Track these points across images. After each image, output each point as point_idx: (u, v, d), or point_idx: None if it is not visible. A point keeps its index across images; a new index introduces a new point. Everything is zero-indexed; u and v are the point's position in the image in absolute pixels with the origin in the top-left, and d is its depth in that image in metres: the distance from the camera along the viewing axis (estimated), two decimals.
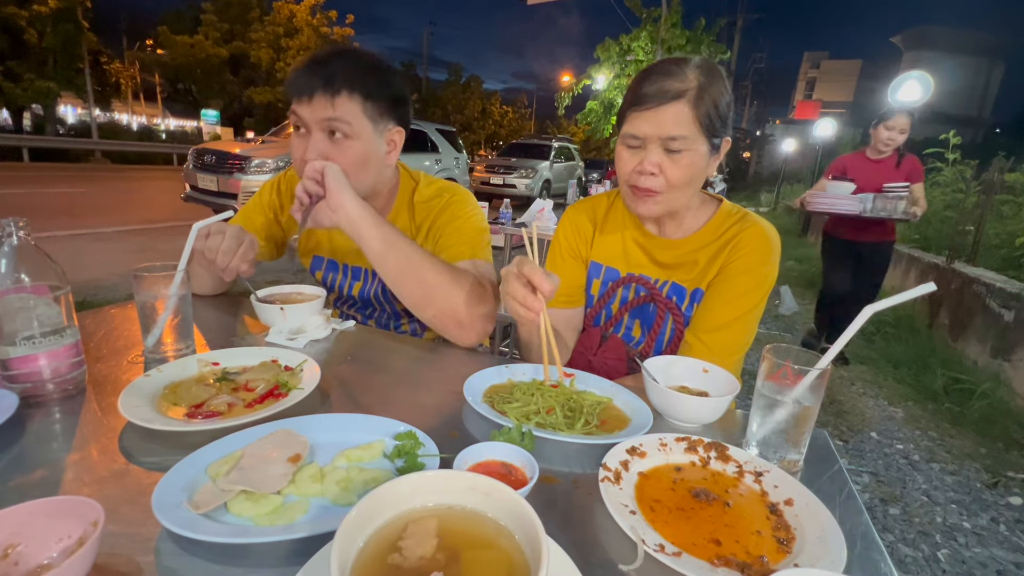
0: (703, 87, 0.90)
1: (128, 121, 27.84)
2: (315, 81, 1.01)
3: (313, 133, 1.03)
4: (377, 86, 1.05)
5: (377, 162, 1.11)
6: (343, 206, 0.94)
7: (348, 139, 1.04)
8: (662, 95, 0.90)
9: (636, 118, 0.94)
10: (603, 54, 12.14)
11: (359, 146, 1.05)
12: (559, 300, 1.17)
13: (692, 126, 0.90)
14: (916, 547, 1.88)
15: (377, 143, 1.09)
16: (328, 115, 1.01)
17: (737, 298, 0.99)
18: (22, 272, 0.69)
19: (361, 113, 1.04)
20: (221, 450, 0.61)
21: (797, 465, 0.70)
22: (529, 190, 12.04)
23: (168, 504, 0.51)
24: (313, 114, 1.02)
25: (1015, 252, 4.05)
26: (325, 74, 1.01)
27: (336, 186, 0.94)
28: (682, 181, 0.94)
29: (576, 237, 1.17)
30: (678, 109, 0.90)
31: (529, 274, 0.82)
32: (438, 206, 1.21)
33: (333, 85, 1.01)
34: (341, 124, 1.02)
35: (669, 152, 0.92)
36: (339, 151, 1.04)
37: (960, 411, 2.91)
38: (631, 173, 0.97)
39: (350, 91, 1.02)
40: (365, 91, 1.04)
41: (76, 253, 4.88)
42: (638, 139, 0.94)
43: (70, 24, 18.05)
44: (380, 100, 1.06)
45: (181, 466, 0.57)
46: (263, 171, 6.15)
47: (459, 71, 40.19)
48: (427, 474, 0.44)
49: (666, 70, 0.92)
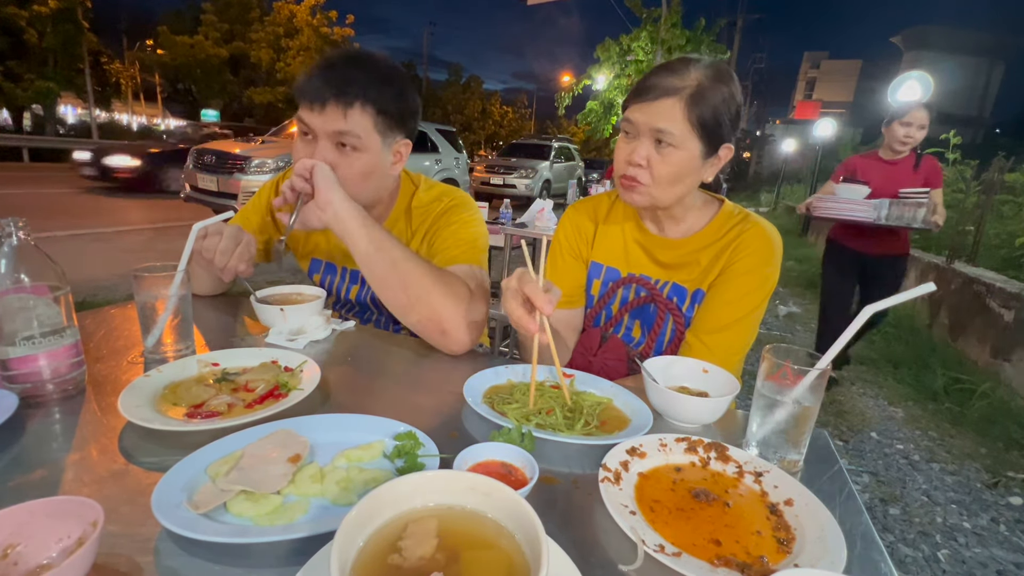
0: (703, 88, 0.90)
1: (128, 121, 27.83)
2: (328, 90, 0.98)
3: (320, 142, 1.01)
4: (391, 100, 1.03)
5: (381, 174, 1.09)
6: (331, 204, 0.93)
7: (356, 151, 1.02)
8: (658, 89, 0.92)
9: (633, 108, 0.96)
10: (603, 54, 12.15)
11: (366, 159, 1.04)
12: (559, 300, 1.16)
13: (683, 124, 0.91)
14: (916, 547, 1.88)
15: (384, 156, 1.07)
16: (339, 128, 0.99)
17: (738, 299, 0.99)
18: (22, 272, 0.69)
19: (372, 127, 1.02)
20: (221, 450, 0.61)
21: (797, 465, 0.70)
22: (529, 190, 12.03)
23: (168, 504, 0.51)
24: (324, 125, 0.99)
25: (1015, 252, 4.05)
26: (340, 84, 0.98)
27: (324, 184, 0.93)
28: (667, 178, 0.95)
29: (577, 237, 1.17)
30: (670, 104, 0.91)
31: (529, 294, 0.81)
32: (436, 210, 1.20)
33: (347, 97, 0.98)
34: (351, 138, 1.00)
35: (659, 145, 0.93)
36: (346, 162, 1.02)
37: (960, 411, 2.91)
38: (623, 162, 0.98)
39: (363, 104, 1.00)
40: (379, 105, 1.01)
41: (76, 253, 4.88)
42: (632, 125, 0.96)
43: (70, 24, 18.05)
44: (392, 114, 1.04)
45: (181, 466, 0.57)
46: (263, 171, 6.16)
47: (459, 71, 40.22)
48: (427, 474, 0.44)
49: (671, 67, 0.94)
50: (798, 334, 4.39)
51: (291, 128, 7.66)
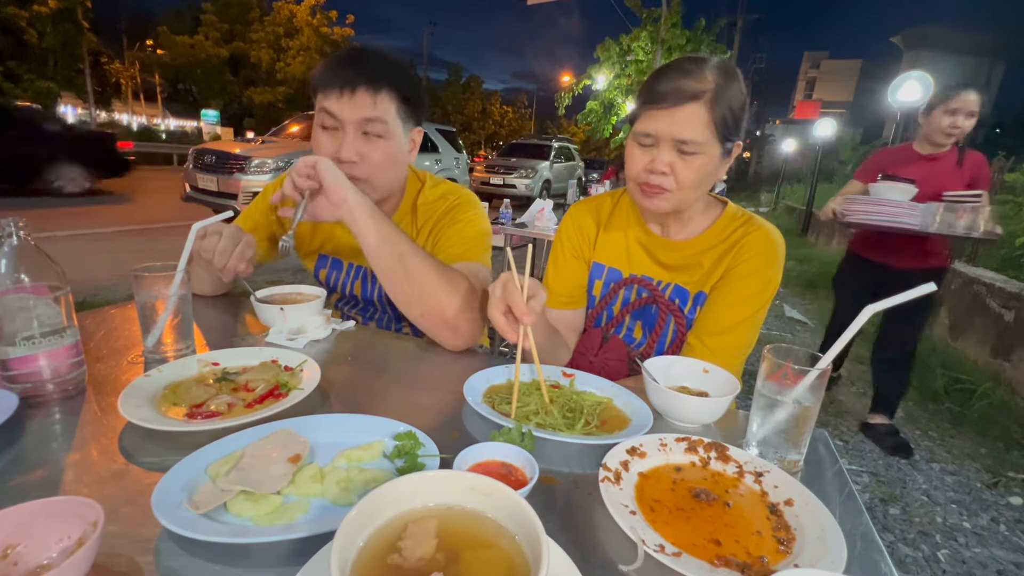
0: (720, 89, 0.89)
1: (128, 121, 27.83)
2: (359, 77, 1.01)
3: (348, 130, 1.03)
4: (411, 88, 1.08)
5: (402, 161, 1.13)
6: (346, 201, 0.93)
7: (381, 138, 1.05)
8: (679, 94, 0.89)
9: (651, 116, 0.92)
10: (603, 54, 12.16)
11: (391, 145, 1.07)
12: (560, 301, 1.16)
13: (707, 129, 0.89)
14: (916, 547, 1.88)
15: (403, 142, 1.11)
16: (368, 114, 1.02)
17: (741, 302, 0.99)
18: (22, 272, 0.69)
19: (396, 113, 1.06)
20: (221, 450, 0.61)
21: (797, 465, 0.70)
22: (529, 190, 12.04)
23: (168, 504, 0.51)
24: (354, 112, 1.02)
25: (1015, 252, 4.05)
26: (369, 70, 1.01)
27: (336, 181, 0.93)
28: (692, 183, 0.93)
29: (579, 237, 1.17)
30: (694, 111, 0.88)
31: (511, 303, 0.80)
32: (441, 208, 1.21)
33: (377, 83, 1.01)
34: (378, 124, 1.03)
35: (682, 153, 0.91)
36: (372, 149, 1.05)
37: (960, 411, 2.91)
38: (641, 171, 0.95)
39: (391, 90, 1.03)
40: (402, 92, 1.05)
41: (76, 253, 4.88)
42: (651, 137, 0.93)
43: (70, 24, 18.08)
44: (412, 101, 1.09)
45: (181, 466, 0.57)
46: (263, 171, 6.16)
47: (459, 71, 40.22)
48: (427, 474, 0.44)
49: (685, 69, 0.90)
50: (798, 334, 4.39)
51: (291, 128, 7.64)
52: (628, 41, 11.83)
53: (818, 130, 9.89)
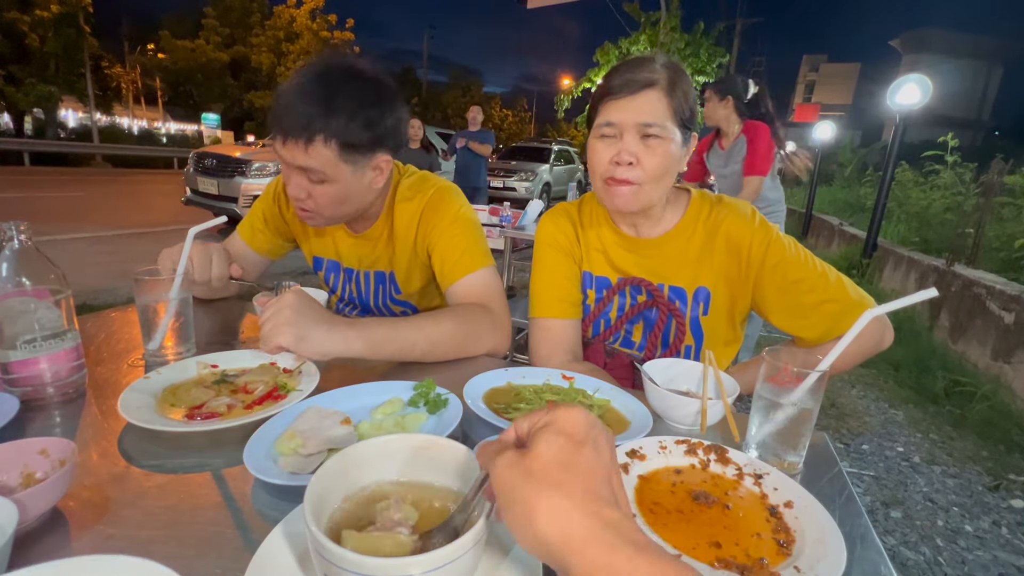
0: (672, 79, 0.93)
1: (129, 125, 27.88)
2: (286, 123, 0.91)
3: (291, 172, 0.97)
4: (360, 129, 0.95)
5: (359, 194, 1.04)
6: (322, 356, 0.84)
7: (324, 183, 0.97)
8: (636, 83, 0.92)
9: (611, 107, 0.94)
10: (602, 57, 12.17)
11: (335, 189, 0.99)
12: (559, 308, 1.10)
13: (666, 113, 0.92)
14: (917, 550, 1.87)
15: (357, 180, 1.01)
16: (300, 163, 0.94)
17: (797, 270, 0.97)
18: (23, 275, 0.70)
19: (337, 160, 0.95)
20: (271, 433, 0.64)
21: (797, 467, 0.70)
22: (529, 193, 12.05)
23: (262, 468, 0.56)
24: (287, 158, 0.95)
25: (1015, 254, 4.05)
26: (298, 118, 0.91)
27: (304, 351, 0.82)
28: (658, 171, 0.94)
29: (564, 238, 1.12)
30: (654, 95, 0.92)
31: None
32: (417, 210, 1.14)
33: (307, 132, 0.91)
34: (315, 172, 0.95)
35: (645, 140, 0.92)
36: (318, 192, 0.98)
37: (961, 413, 2.91)
38: (607, 165, 0.95)
39: (325, 139, 0.92)
40: (343, 138, 0.93)
41: (77, 257, 4.88)
42: (613, 126, 0.94)
43: (72, 29, 18.15)
44: (361, 144, 0.96)
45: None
46: (264, 175, 6.17)
47: (459, 74, 40.32)
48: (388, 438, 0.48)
49: (637, 63, 0.95)
50: None
51: None
52: (627, 45, 11.84)
53: (817, 133, 9.90)
